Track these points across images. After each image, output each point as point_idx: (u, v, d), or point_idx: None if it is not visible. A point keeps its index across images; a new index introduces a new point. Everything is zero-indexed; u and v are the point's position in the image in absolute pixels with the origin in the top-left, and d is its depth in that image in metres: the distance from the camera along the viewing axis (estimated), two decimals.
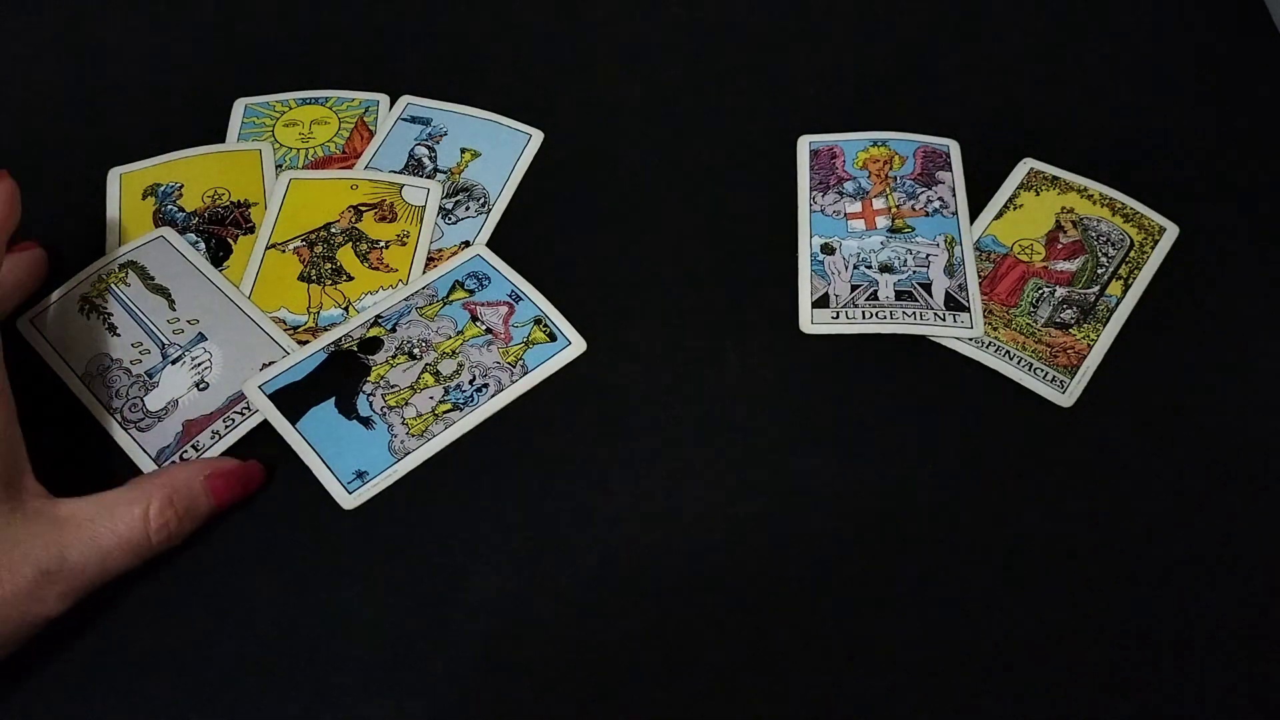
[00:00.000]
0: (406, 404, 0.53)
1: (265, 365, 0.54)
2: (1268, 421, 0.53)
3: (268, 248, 0.59)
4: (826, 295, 0.57)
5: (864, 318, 0.56)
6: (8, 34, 0.71)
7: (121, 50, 0.70)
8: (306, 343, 0.55)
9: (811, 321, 0.57)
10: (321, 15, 0.72)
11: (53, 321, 0.55)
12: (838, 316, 0.56)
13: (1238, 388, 0.55)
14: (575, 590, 0.49)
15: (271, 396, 0.52)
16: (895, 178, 0.62)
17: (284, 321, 0.56)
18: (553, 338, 0.56)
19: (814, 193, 0.62)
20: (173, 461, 0.50)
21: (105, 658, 0.47)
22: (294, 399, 0.52)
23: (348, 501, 0.50)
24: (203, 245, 0.59)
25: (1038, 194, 0.61)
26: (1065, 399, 0.54)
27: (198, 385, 0.53)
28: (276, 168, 0.62)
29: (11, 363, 0.54)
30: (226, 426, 0.52)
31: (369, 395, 0.53)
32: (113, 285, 0.56)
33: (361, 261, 0.58)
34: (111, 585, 0.48)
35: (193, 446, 0.51)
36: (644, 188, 0.63)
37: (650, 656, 0.47)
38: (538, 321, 0.56)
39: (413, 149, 0.64)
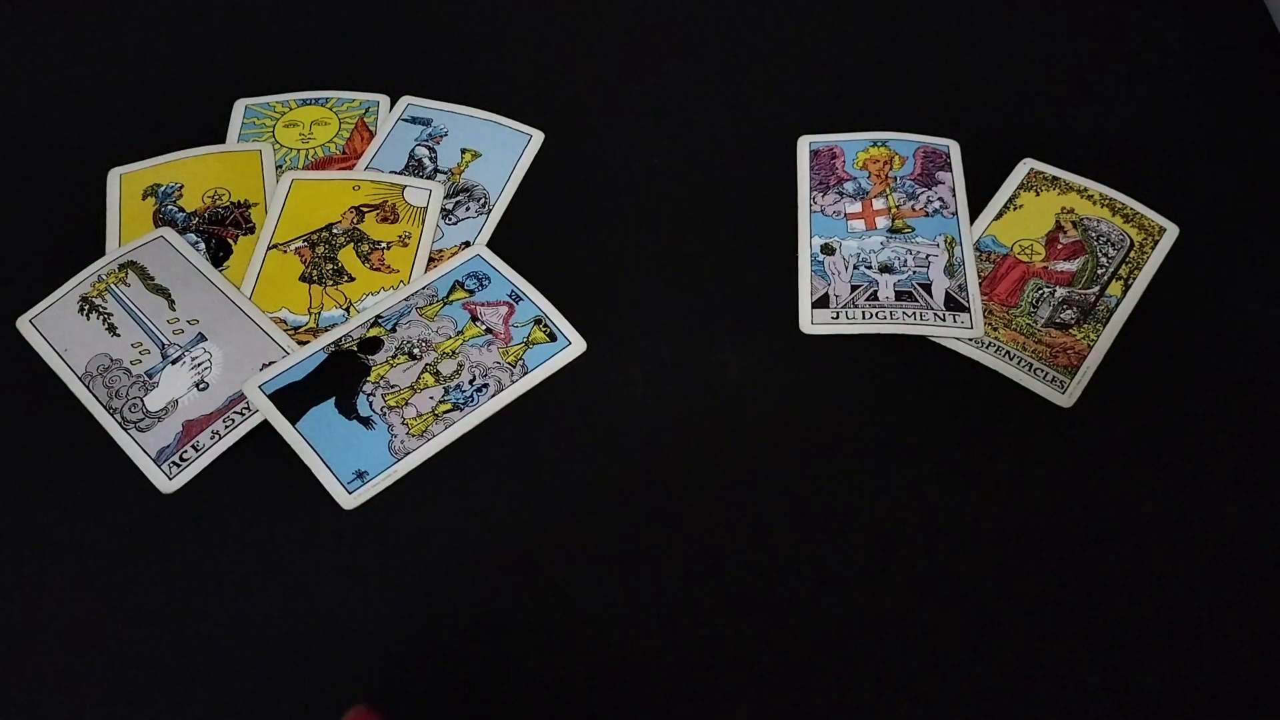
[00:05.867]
0: (406, 404, 0.53)
1: (265, 365, 0.54)
2: (1267, 422, 0.53)
3: (269, 248, 0.59)
4: (826, 295, 0.57)
5: (864, 318, 0.56)
6: (8, 34, 0.71)
7: (121, 50, 0.70)
8: (307, 343, 0.55)
9: (811, 321, 0.56)
10: (321, 15, 0.72)
11: (53, 321, 0.55)
12: (838, 316, 0.56)
13: (1237, 388, 0.55)
14: (576, 589, 0.49)
15: (271, 396, 0.52)
16: (895, 178, 0.62)
17: (285, 322, 0.56)
18: (553, 338, 0.56)
19: (814, 193, 0.62)
20: None
21: (106, 658, 0.47)
22: (294, 399, 0.52)
23: (348, 501, 0.50)
24: (203, 245, 0.59)
25: (1038, 194, 0.61)
26: (1065, 399, 0.54)
27: (198, 385, 0.53)
28: (277, 168, 0.62)
29: (11, 363, 0.55)
30: (226, 426, 0.52)
31: (369, 395, 0.53)
32: (113, 285, 0.56)
33: (363, 262, 0.58)
34: (111, 587, 0.48)
35: (193, 446, 0.51)
36: (644, 188, 0.63)
37: (652, 656, 0.47)
38: (538, 321, 0.56)
39: (413, 149, 0.64)
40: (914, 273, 0.58)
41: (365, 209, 0.60)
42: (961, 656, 0.47)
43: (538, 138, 0.65)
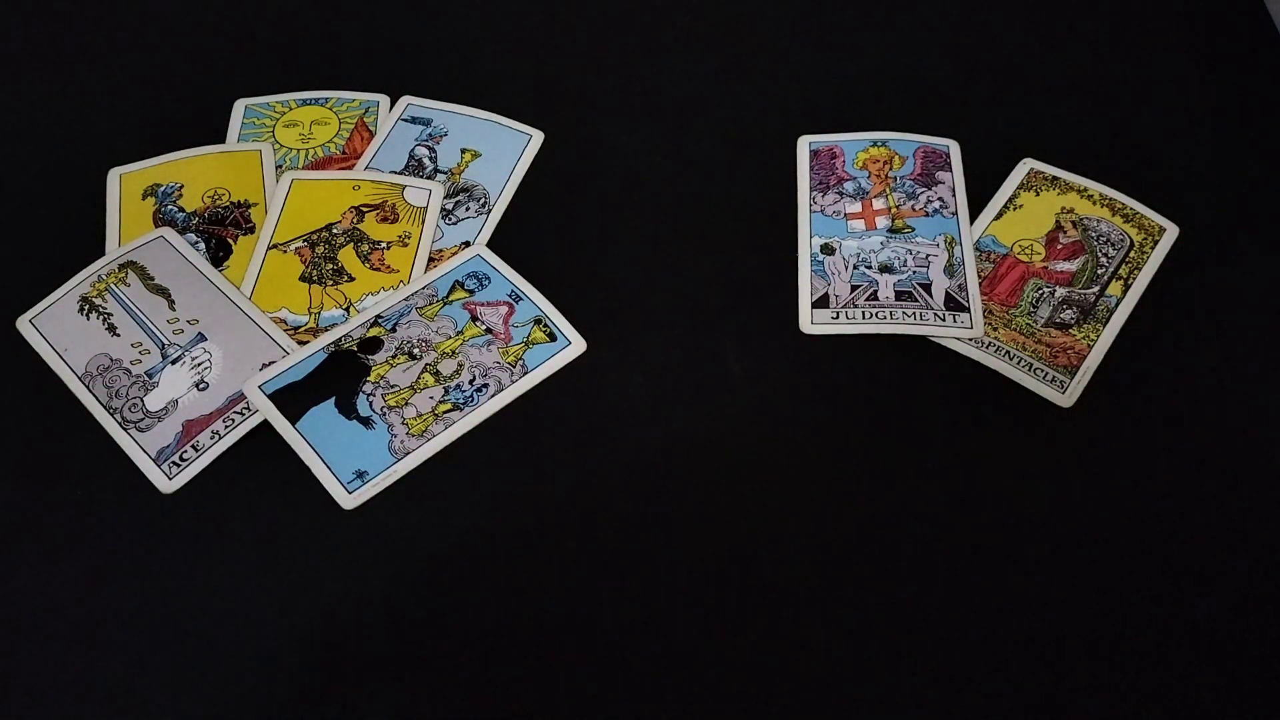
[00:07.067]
0: (406, 404, 0.53)
1: (265, 365, 0.54)
2: (1267, 421, 0.53)
3: (269, 248, 0.59)
4: (826, 295, 0.57)
5: (864, 318, 0.56)
6: (8, 34, 0.71)
7: (121, 50, 0.70)
8: (307, 343, 0.55)
9: (811, 321, 0.56)
10: (321, 15, 0.72)
11: (53, 321, 0.55)
12: (838, 316, 0.56)
13: (1237, 388, 0.55)
14: (576, 589, 0.49)
15: (271, 396, 0.52)
16: (895, 178, 0.62)
17: (285, 322, 0.56)
18: (553, 338, 0.56)
19: (814, 193, 0.62)
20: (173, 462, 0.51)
21: (106, 658, 0.47)
22: (294, 399, 0.52)
23: (348, 501, 0.50)
24: (203, 245, 0.59)
25: (1038, 194, 0.61)
26: (1065, 399, 0.54)
27: (198, 385, 0.53)
28: (277, 168, 0.62)
29: (11, 363, 0.55)
30: (226, 426, 0.52)
31: (369, 395, 0.53)
32: (113, 285, 0.56)
33: (363, 262, 0.58)
34: (111, 586, 0.48)
35: (193, 446, 0.51)
36: (644, 188, 0.63)
37: (651, 654, 0.47)
38: (538, 321, 0.56)
39: (413, 149, 0.64)
40: (914, 273, 0.58)
41: (365, 209, 0.60)
42: (961, 656, 0.47)
43: (538, 138, 0.65)
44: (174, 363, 0.54)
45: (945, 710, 0.46)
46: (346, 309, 0.56)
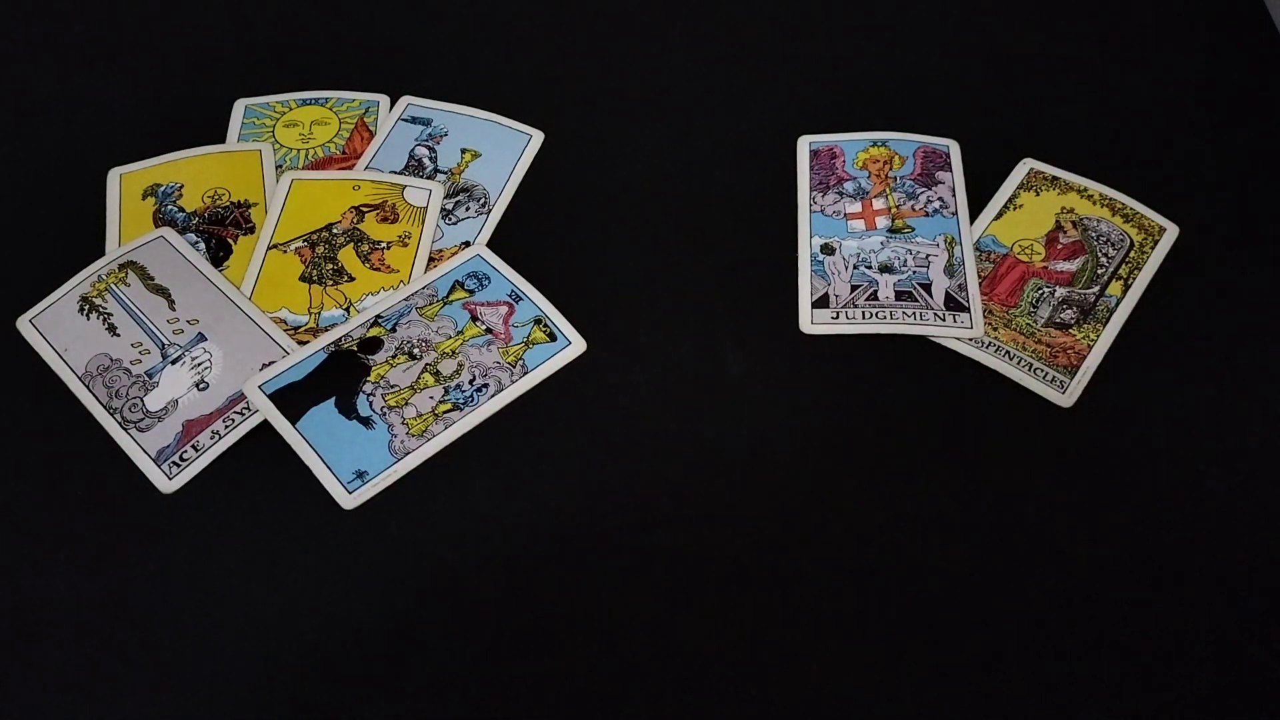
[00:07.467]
0: (406, 404, 0.53)
1: (265, 365, 0.54)
2: (1266, 421, 0.53)
3: (269, 248, 0.59)
4: (826, 295, 0.57)
5: (864, 318, 0.56)
6: (8, 34, 0.71)
7: (121, 50, 0.70)
8: (307, 343, 0.55)
9: (811, 321, 0.56)
10: (321, 15, 0.72)
11: (53, 321, 0.55)
12: (838, 316, 0.56)
13: (1237, 388, 0.55)
14: (576, 589, 0.49)
15: (271, 396, 0.52)
16: (895, 178, 0.62)
17: (285, 322, 0.56)
18: (553, 338, 0.56)
19: (814, 193, 0.62)
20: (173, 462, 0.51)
21: (106, 658, 0.47)
22: (294, 399, 0.52)
23: (348, 501, 0.50)
24: (203, 245, 0.59)
25: (1038, 194, 0.61)
26: (1065, 399, 0.54)
27: (198, 385, 0.53)
28: (277, 168, 0.62)
29: (11, 363, 0.55)
30: (226, 426, 0.52)
31: (369, 395, 0.53)
32: (113, 285, 0.56)
33: (363, 262, 0.58)
34: (111, 586, 0.48)
35: (193, 446, 0.51)
36: (644, 188, 0.63)
37: (651, 653, 0.47)
38: (538, 321, 0.56)
39: (413, 149, 0.64)
40: (914, 273, 0.58)
41: (365, 209, 0.60)
42: (961, 656, 0.47)
43: (538, 138, 0.65)
44: (174, 363, 0.54)
45: (945, 710, 0.46)
46: (346, 309, 0.56)
